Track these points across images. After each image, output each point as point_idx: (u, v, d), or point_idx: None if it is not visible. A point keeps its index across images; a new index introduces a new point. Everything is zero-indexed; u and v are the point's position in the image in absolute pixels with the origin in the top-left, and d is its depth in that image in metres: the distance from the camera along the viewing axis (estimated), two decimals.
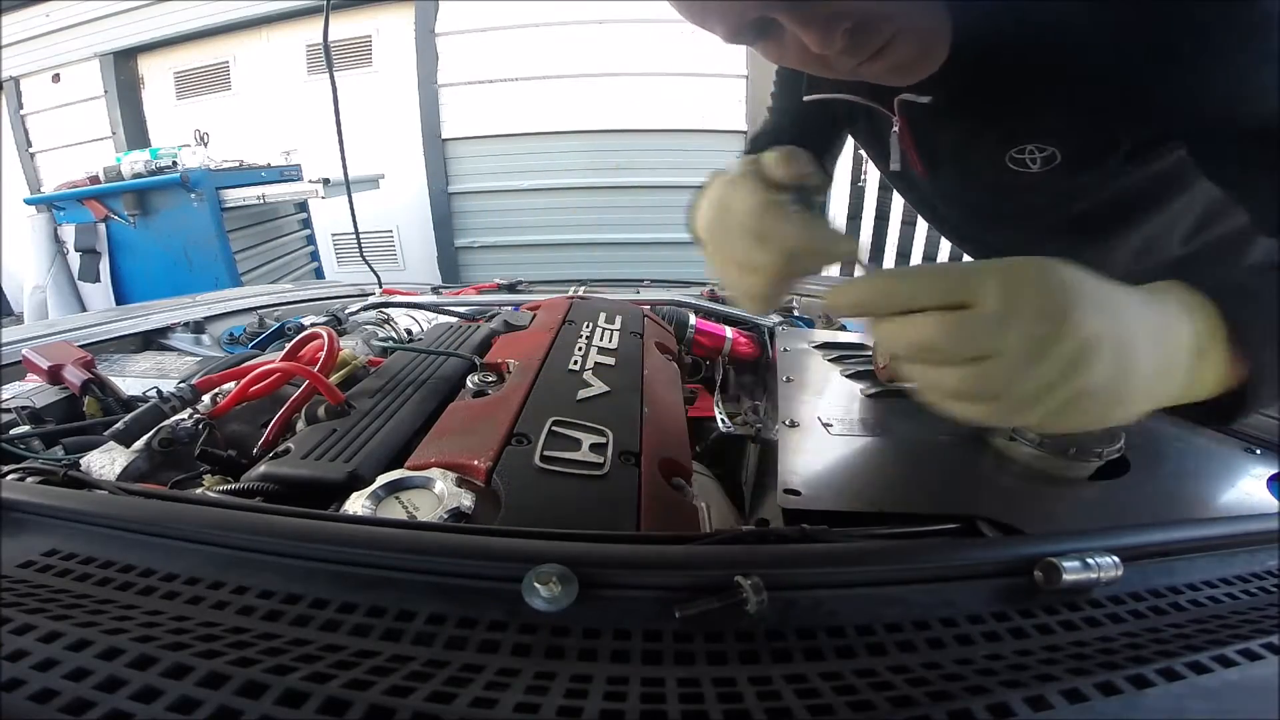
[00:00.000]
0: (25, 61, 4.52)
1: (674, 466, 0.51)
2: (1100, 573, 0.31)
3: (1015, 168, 0.55)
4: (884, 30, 0.44)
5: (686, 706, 0.23)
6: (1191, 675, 0.26)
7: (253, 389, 0.58)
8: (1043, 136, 0.53)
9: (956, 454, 0.52)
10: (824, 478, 0.47)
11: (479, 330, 0.78)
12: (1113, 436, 0.49)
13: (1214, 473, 0.51)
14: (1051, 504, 0.46)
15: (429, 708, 0.23)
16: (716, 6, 0.42)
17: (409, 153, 4.15)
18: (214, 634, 0.26)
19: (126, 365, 0.81)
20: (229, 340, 1.02)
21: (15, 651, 0.25)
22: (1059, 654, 0.27)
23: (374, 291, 1.14)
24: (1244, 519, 0.43)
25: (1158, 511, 0.45)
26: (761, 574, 0.30)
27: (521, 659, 0.26)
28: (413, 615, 0.28)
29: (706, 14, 0.43)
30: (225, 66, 4.38)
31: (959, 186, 0.64)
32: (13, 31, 4.35)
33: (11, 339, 0.84)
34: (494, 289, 1.22)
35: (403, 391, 0.60)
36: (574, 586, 0.29)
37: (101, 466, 0.51)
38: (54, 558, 0.33)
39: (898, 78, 0.51)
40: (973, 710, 0.23)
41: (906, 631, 0.28)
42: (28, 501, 0.36)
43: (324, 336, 0.62)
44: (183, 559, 0.32)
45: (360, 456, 0.47)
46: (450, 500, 0.41)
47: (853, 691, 0.24)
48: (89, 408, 0.64)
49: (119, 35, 4.32)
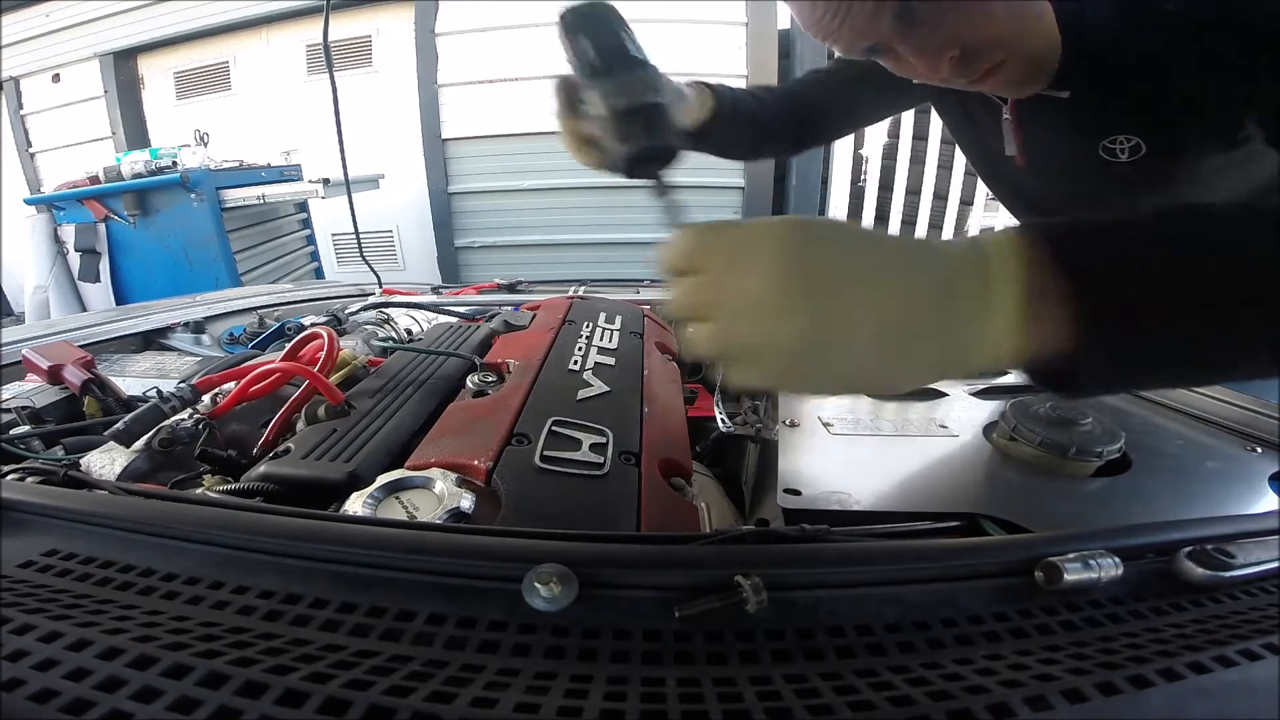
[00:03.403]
0: (25, 61, 4.51)
1: (674, 466, 0.51)
2: (1100, 572, 0.31)
3: (1106, 157, 0.56)
4: (992, 56, 0.48)
5: (686, 706, 0.23)
6: (1191, 675, 0.26)
7: (253, 389, 0.58)
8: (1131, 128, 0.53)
9: (957, 453, 0.52)
10: (824, 478, 0.47)
11: (479, 330, 0.78)
12: (1113, 436, 0.49)
13: (1214, 471, 0.51)
14: (1052, 502, 0.46)
15: (429, 708, 0.23)
16: (837, 29, 0.45)
17: (409, 153, 4.14)
18: (214, 634, 0.26)
19: (126, 365, 0.80)
20: (229, 340, 1.02)
21: (15, 651, 0.25)
22: (1059, 654, 0.27)
23: (374, 291, 1.14)
24: (1244, 518, 0.43)
25: (1158, 510, 0.45)
26: (761, 574, 0.30)
27: (521, 659, 0.26)
28: (412, 615, 0.28)
29: (827, 34, 0.46)
30: (225, 67, 4.38)
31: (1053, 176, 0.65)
32: (13, 31, 4.35)
33: (11, 339, 0.84)
34: (494, 289, 1.22)
35: (403, 391, 0.60)
36: (574, 586, 0.29)
37: (101, 466, 0.51)
38: (54, 558, 0.33)
39: (1011, 92, 0.54)
40: (973, 710, 0.23)
41: (906, 631, 0.28)
42: (28, 501, 0.36)
43: (324, 336, 0.62)
44: (183, 559, 0.32)
45: (360, 456, 0.47)
46: (450, 500, 0.41)
47: (853, 691, 0.24)
48: (89, 408, 0.64)
49: (119, 35, 4.32)
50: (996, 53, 0.47)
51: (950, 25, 0.46)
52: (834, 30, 0.46)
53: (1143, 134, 0.53)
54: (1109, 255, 0.29)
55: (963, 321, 0.29)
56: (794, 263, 0.28)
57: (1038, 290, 0.28)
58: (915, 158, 3.74)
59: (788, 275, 0.28)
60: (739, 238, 0.30)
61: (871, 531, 0.41)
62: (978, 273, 0.29)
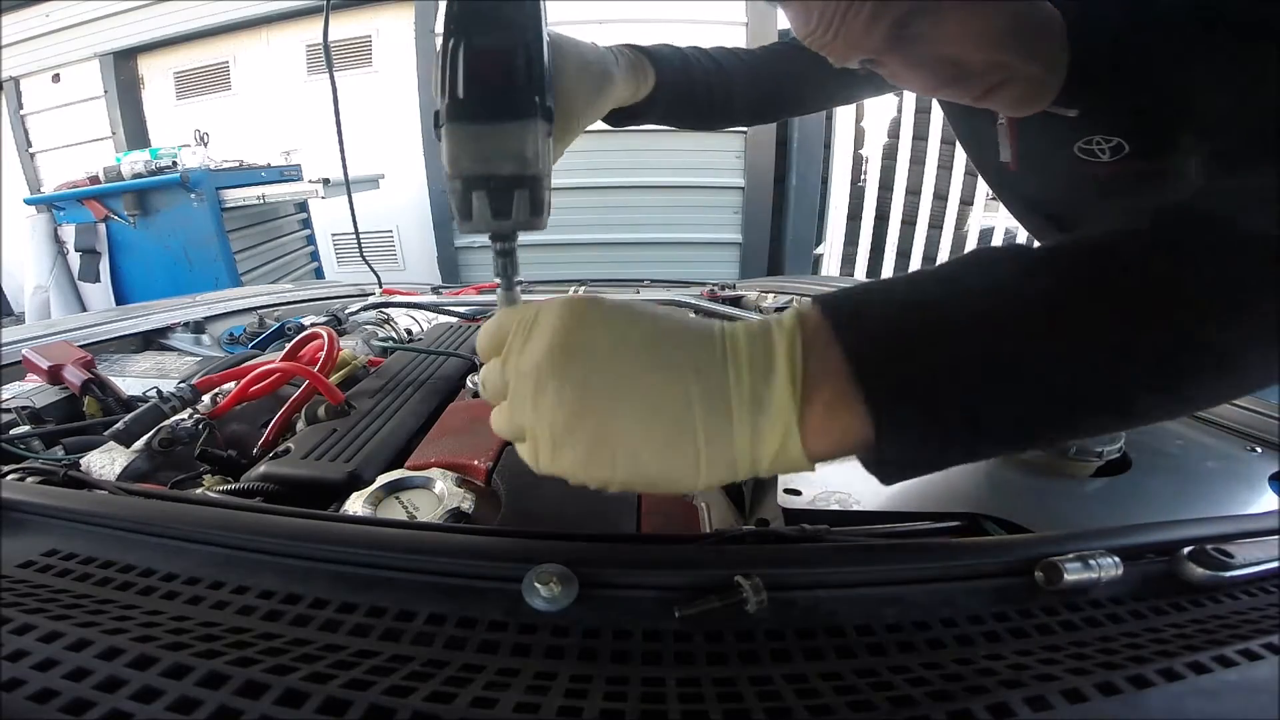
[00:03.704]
0: (25, 61, 4.51)
1: None
2: (1101, 572, 0.31)
3: (1084, 158, 0.54)
4: (990, 77, 0.46)
5: (686, 706, 0.23)
6: (1191, 675, 0.26)
7: (253, 389, 0.58)
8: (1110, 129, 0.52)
9: None
10: (824, 478, 0.47)
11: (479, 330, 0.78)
12: (1113, 436, 0.49)
13: (1214, 471, 0.51)
14: (1052, 502, 0.46)
15: (429, 708, 0.23)
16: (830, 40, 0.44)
17: (409, 153, 4.14)
18: (214, 634, 0.26)
19: (126, 365, 0.80)
20: (229, 340, 1.02)
21: (15, 651, 0.25)
22: (1059, 654, 0.27)
23: (374, 291, 1.14)
24: (1244, 518, 0.43)
25: (1158, 510, 0.45)
26: (761, 574, 0.30)
27: (521, 659, 0.26)
28: (412, 615, 0.28)
29: (821, 45, 0.45)
30: (225, 66, 4.38)
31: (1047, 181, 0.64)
32: (13, 31, 4.35)
33: (11, 339, 0.84)
34: (494, 289, 1.22)
35: (403, 391, 0.60)
36: (574, 586, 0.29)
37: (101, 466, 0.51)
38: (54, 558, 0.33)
39: (1012, 112, 0.52)
40: (973, 710, 0.23)
41: (906, 631, 0.28)
42: (28, 501, 0.36)
43: (324, 336, 0.62)
44: (183, 559, 0.32)
45: (360, 457, 0.47)
46: (450, 500, 0.41)
47: (853, 691, 0.24)
48: (89, 408, 0.64)
49: (119, 35, 4.32)
50: (994, 73, 0.45)
51: (947, 44, 0.43)
52: (827, 42, 0.44)
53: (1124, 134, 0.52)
54: (882, 325, 0.27)
55: (738, 415, 0.26)
56: (559, 341, 0.27)
57: (817, 373, 0.26)
58: (915, 158, 3.74)
59: (551, 352, 0.27)
60: (526, 318, 0.29)
61: (871, 532, 0.41)
62: (755, 362, 0.26)
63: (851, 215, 3.87)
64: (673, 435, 0.26)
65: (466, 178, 0.33)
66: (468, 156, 0.33)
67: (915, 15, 0.42)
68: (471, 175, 0.33)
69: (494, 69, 0.33)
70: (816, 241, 4.03)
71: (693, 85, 0.62)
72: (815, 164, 3.87)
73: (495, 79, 0.33)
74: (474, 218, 0.34)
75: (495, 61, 0.33)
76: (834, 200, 3.86)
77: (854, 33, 0.43)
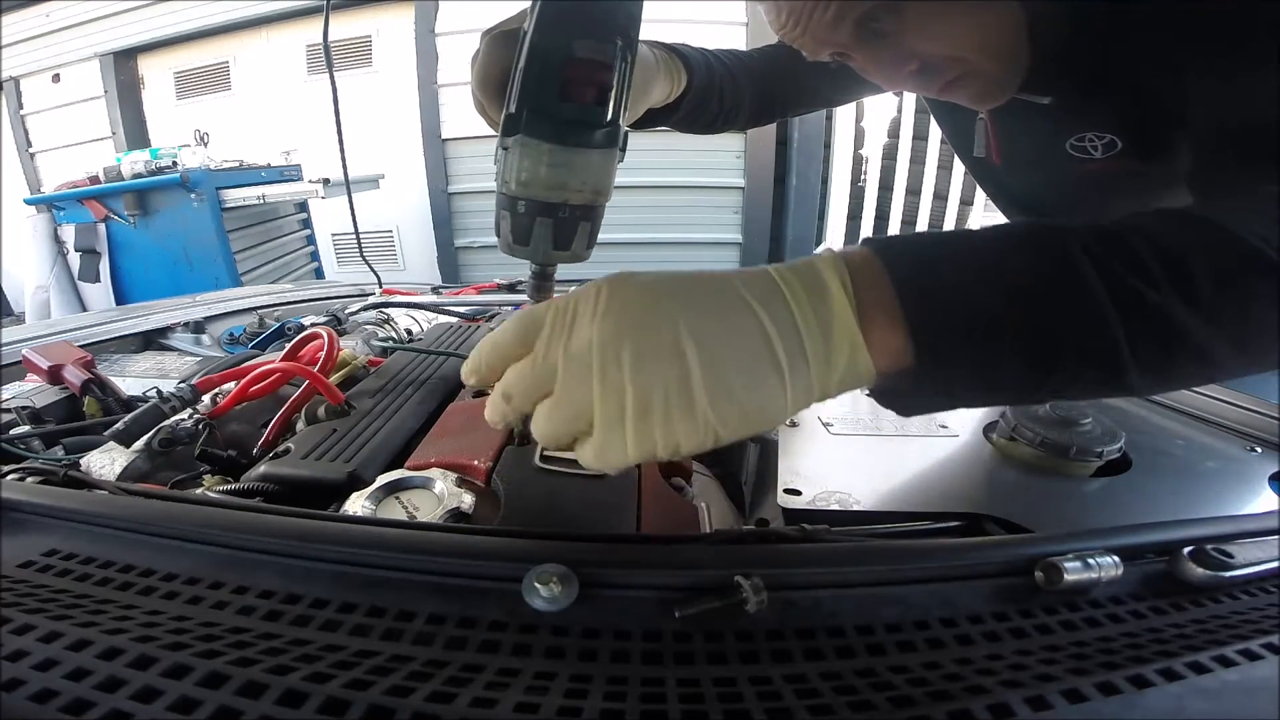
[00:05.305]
0: (25, 61, 4.51)
1: (674, 466, 0.51)
2: (1101, 572, 0.31)
3: (1077, 155, 0.55)
4: (950, 70, 0.48)
5: (686, 706, 0.23)
6: (1191, 675, 0.26)
7: (253, 389, 0.58)
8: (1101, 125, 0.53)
9: (957, 453, 0.52)
10: (824, 478, 0.47)
11: (479, 330, 0.78)
12: (1113, 436, 0.49)
13: (1214, 471, 0.51)
14: (1052, 502, 0.46)
15: (429, 708, 0.23)
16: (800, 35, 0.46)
17: (409, 153, 4.14)
18: (214, 634, 0.26)
19: (126, 365, 0.80)
20: (229, 340, 1.02)
21: (15, 651, 0.25)
22: (1059, 654, 0.27)
23: (374, 291, 1.14)
24: (1244, 518, 0.43)
25: (1158, 510, 0.45)
26: (761, 574, 0.30)
27: (521, 659, 0.26)
28: (413, 615, 0.28)
29: (792, 40, 0.47)
30: (225, 66, 4.38)
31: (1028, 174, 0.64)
32: (13, 31, 4.35)
33: (11, 339, 0.84)
34: (494, 289, 1.22)
35: (403, 392, 0.60)
36: (574, 586, 0.29)
37: (101, 466, 0.51)
38: (54, 558, 0.33)
39: (976, 105, 0.53)
40: (973, 710, 0.23)
41: (906, 631, 0.28)
42: (28, 501, 0.36)
43: (324, 336, 0.62)
44: (183, 559, 0.32)
45: (360, 457, 0.47)
46: (450, 500, 0.41)
47: (853, 691, 0.24)
48: (89, 408, 0.64)
49: (119, 35, 4.31)
50: (954, 66, 0.47)
51: (909, 39, 0.46)
52: (797, 37, 0.47)
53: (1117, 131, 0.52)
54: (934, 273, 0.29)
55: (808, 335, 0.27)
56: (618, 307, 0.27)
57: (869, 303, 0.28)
58: (915, 158, 3.74)
59: (614, 319, 0.26)
60: (562, 307, 0.28)
61: (872, 532, 0.41)
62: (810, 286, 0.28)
63: (851, 215, 3.87)
64: (759, 368, 0.27)
65: (535, 201, 0.30)
66: (543, 181, 0.30)
67: (879, 12, 0.44)
68: (543, 201, 0.30)
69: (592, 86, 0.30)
70: (816, 242, 4.03)
71: (713, 89, 0.62)
72: (815, 164, 3.87)
73: (591, 97, 0.29)
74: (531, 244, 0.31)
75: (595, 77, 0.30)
76: (834, 200, 3.86)
77: (821, 28, 0.45)
